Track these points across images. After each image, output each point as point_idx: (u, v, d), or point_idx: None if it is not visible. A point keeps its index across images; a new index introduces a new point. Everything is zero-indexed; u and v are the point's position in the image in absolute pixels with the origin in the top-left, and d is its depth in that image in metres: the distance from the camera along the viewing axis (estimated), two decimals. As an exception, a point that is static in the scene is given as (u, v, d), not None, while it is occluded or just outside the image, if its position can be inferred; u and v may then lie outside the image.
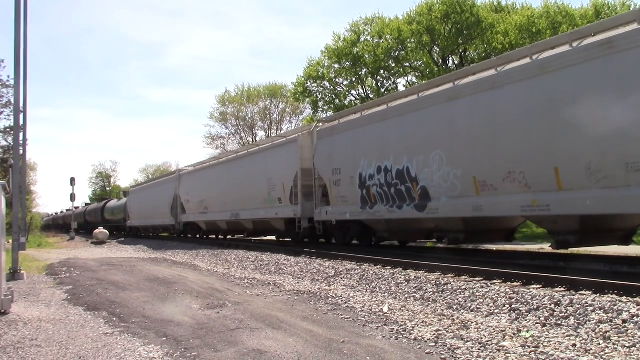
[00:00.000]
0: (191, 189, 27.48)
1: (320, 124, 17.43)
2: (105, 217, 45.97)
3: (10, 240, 13.04)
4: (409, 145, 12.60)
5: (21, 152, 14.63)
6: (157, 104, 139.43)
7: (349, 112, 16.57)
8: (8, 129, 30.17)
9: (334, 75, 34.86)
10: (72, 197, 42.77)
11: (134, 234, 39.77)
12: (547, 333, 5.75)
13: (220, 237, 27.24)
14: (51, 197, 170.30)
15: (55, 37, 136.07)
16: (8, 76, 30.69)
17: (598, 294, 6.71)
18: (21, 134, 14.58)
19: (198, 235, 29.05)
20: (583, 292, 6.96)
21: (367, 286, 9.56)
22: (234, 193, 22.19)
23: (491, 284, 8.07)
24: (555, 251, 10.75)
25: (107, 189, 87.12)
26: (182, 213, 28.73)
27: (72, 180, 41.66)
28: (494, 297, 7.33)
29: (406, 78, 34.36)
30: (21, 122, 14.28)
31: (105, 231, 34.80)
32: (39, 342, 6.24)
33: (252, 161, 21.22)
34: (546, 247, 14.43)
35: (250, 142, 47.54)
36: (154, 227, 35.18)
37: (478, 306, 7.21)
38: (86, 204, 63.81)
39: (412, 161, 12.45)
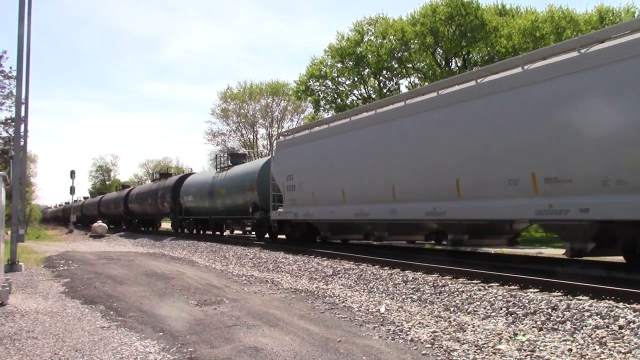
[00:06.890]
0: None
1: None
2: (184, 204, 27.30)
3: (9, 232, 13.04)
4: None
5: (22, 143, 14.64)
6: (153, 98, 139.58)
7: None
8: (9, 121, 30.11)
9: (336, 75, 34.88)
10: (72, 190, 42.64)
11: (310, 240, 17.33)
12: (543, 337, 5.75)
13: None
14: (50, 189, 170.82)
15: (50, 28, 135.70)
16: (10, 67, 30.72)
17: (595, 300, 6.71)
18: (22, 126, 14.59)
19: None
20: (580, 297, 6.97)
21: (364, 286, 9.57)
22: None
23: (488, 286, 8.07)
24: (553, 256, 10.77)
25: (107, 182, 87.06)
26: None
27: (72, 173, 41.56)
28: (491, 300, 7.33)
29: (409, 79, 34.39)
30: (22, 114, 14.29)
31: (104, 224, 34.63)
32: (35, 334, 6.25)
33: None
34: (544, 252, 14.44)
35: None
36: (433, 223, 12.70)
37: (475, 309, 7.21)
38: (123, 186, 47.73)
39: None
